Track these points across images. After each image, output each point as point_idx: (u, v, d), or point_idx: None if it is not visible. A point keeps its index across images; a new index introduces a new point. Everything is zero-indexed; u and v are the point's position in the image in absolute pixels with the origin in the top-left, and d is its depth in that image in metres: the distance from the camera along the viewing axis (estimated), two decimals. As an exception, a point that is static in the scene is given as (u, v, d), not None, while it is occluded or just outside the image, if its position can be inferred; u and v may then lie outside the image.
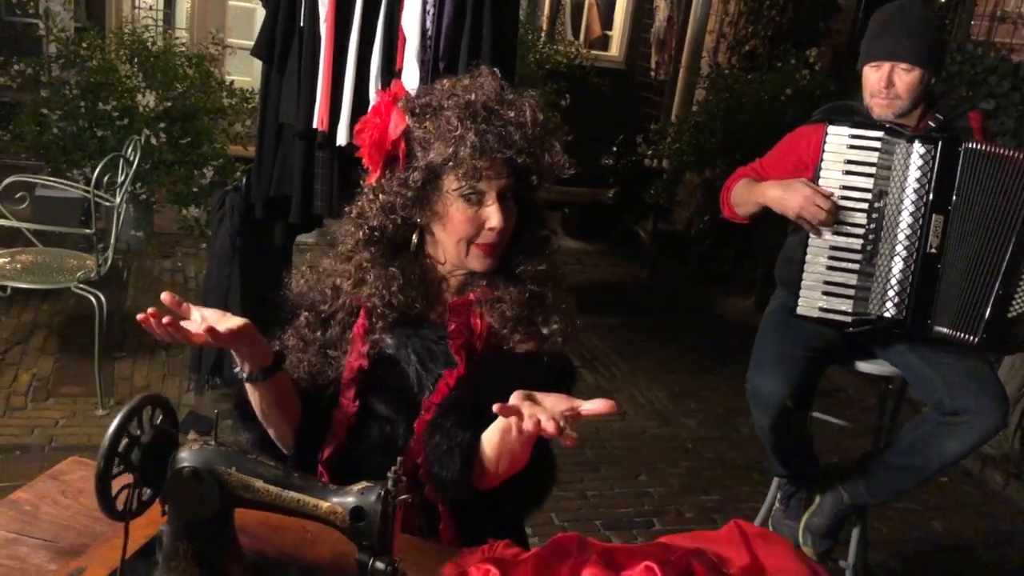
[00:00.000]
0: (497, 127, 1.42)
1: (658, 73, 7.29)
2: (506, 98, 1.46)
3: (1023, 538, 3.43)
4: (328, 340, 1.52)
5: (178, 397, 3.57)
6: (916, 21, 2.40)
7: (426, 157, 1.43)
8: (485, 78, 1.49)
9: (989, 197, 2.27)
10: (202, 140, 4.79)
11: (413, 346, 1.50)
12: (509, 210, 1.46)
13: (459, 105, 1.43)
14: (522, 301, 1.49)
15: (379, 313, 1.48)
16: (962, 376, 2.33)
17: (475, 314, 1.49)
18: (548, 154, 1.47)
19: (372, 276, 1.49)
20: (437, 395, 1.46)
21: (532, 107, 1.45)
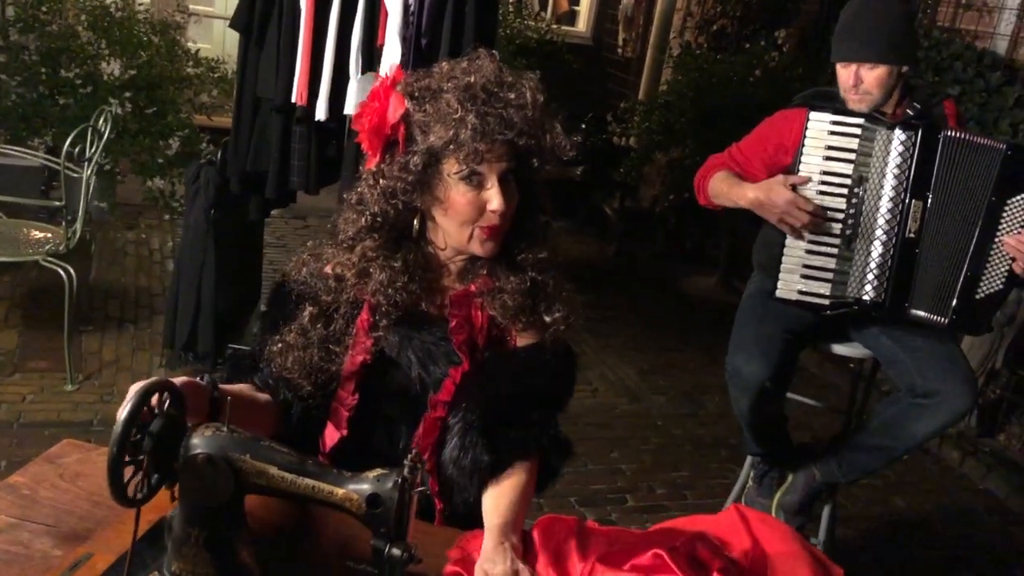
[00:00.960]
0: (497, 109, 1.40)
1: (625, 50, 7.29)
2: (506, 80, 1.45)
3: (979, 514, 3.54)
4: (331, 335, 1.49)
5: (148, 371, 3.53)
6: (879, 19, 2.41)
7: (426, 140, 1.41)
8: (484, 60, 1.47)
9: (965, 184, 2.33)
10: (167, 110, 4.70)
11: (414, 348, 1.49)
12: (511, 193, 1.45)
13: (459, 88, 1.42)
14: (523, 290, 1.48)
15: (383, 311, 1.47)
16: (933, 358, 2.39)
17: (475, 306, 1.49)
18: (549, 135, 1.45)
19: (376, 269, 1.47)
20: (444, 393, 1.46)
21: (532, 89, 1.44)
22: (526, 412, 1.46)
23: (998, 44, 4.32)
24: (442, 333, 1.49)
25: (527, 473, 1.42)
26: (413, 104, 1.44)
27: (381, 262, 1.47)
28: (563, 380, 1.55)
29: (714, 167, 2.63)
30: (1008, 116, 3.90)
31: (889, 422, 2.46)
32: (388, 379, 1.50)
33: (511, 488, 1.39)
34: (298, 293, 1.51)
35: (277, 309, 1.55)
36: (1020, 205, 2.26)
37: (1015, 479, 3.70)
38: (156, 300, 4.17)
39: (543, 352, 1.49)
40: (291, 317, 1.51)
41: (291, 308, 1.51)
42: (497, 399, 1.45)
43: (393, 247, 1.48)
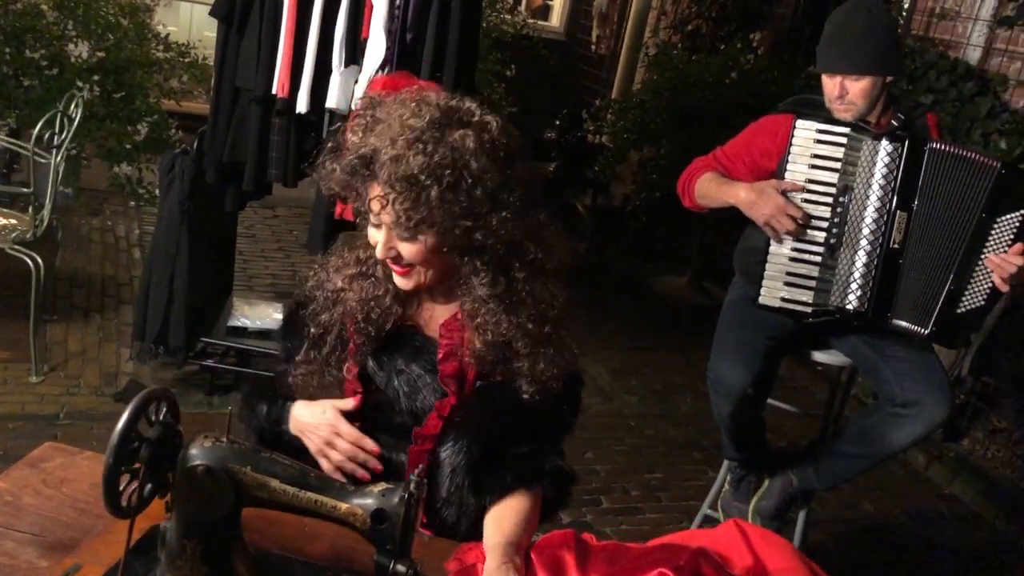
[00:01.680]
0: (384, 163, 1.30)
1: (599, 47, 7.28)
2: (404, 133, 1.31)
3: (945, 518, 3.60)
4: (325, 360, 1.48)
5: (115, 364, 3.45)
6: (863, 30, 2.42)
7: (363, 143, 1.34)
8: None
9: (950, 196, 2.35)
10: (136, 95, 4.59)
11: (401, 380, 1.46)
12: (404, 246, 1.35)
13: (359, 127, 1.37)
14: (489, 344, 1.40)
15: (361, 328, 1.44)
16: (912, 369, 2.42)
17: (468, 331, 1.43)
18: (427, 159, 1.28)
19: (357, 284, 1.45)
20: (429, 426, 1.44)
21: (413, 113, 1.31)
22: (519, 446, 1.43)
23: (970, 54, 4.37)
24: (431, 363, 1.45)
25: (531, 498, 1.40)
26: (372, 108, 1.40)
27: (362, 279, 1.45)
28: (564, 408, 1.51)
29: (699, 169, 2.63)
30: (980, 126, 3.95)
31: (867, 430, 2.49)
32: (378, 409, 1.48)
33: (514, 510, 1.38)
34: (307, 313, 1.50)
35: (291, 336, 1.54)
36: (1009, 224, 2.29)
37: (979, 484, 3.77)
38: (123, 289, 4.08)
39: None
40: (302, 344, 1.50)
41: (303, 335, 1.50)
42: (487, 435, 1.42)
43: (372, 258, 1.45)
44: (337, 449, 1.47)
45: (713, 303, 5.54)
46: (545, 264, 1.42)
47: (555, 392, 1.44)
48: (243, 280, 4.38)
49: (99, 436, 2.99)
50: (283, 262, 4.86)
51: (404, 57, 2.87)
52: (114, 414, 3.13)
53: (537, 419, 1.46)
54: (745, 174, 2.53)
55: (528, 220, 1.37)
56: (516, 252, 1.38)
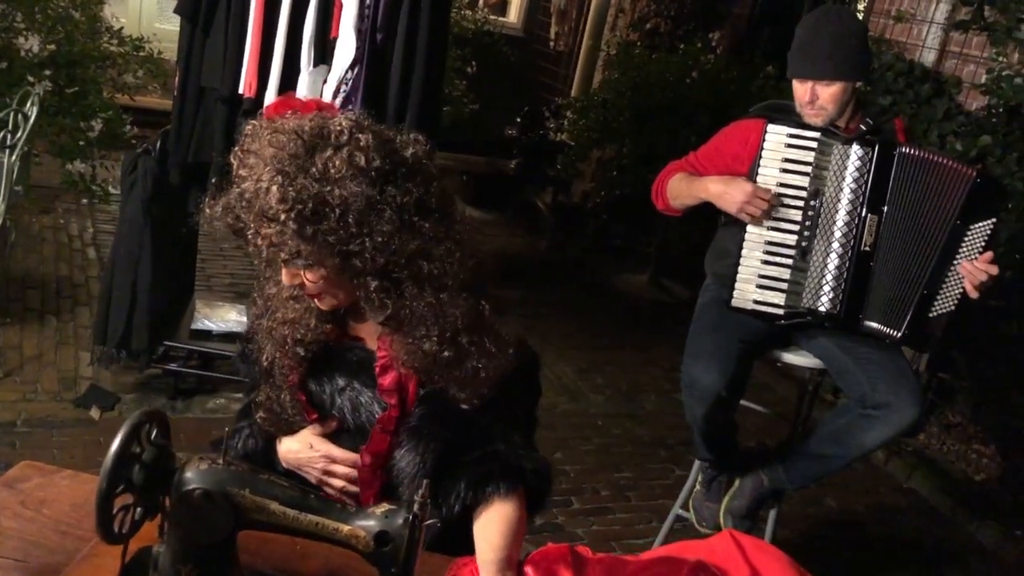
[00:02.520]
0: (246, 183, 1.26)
1: (557, 44, 7.28)
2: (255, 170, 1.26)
3: (904, 512, 3.68)
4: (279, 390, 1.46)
5: (74, 368, 3.36)
6: (833, 37, 2.44)
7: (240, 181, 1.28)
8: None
9: (919, 199, 2.39)
10: (89, 90, 4.47)
11: (343, 398, 1.44)
12: (300, 274, 1.32)
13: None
14: (424, 356, 1.36)
15: (290, 351, 1.41)
16: (883, 371, 2.46)
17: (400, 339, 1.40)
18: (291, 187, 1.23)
19: (284, 309, 1.43)
20: (374, 443, 1.41)
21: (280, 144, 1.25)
22: (481, 446, 1.38)
23: (926, 56, 4.46)
24: (368, 376, 1.42)
25: (514, 502, 1.35)
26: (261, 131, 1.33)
27: (292, 292, 1.41)
28: (522, 395, 1.48)
29: (671, 172, 2.65)
30: (937, 127, 4.03)
31: (838, 431, 2.52)
32: (332, 433, 1.47)
33: (500, 520, 1.34)
34: (255, 346, 1.48)
35: (246, 367, 1.54)
36: (981, 231, 2.33)
37: (935, 478, 3.85)
38: (79, 291, 3.98)
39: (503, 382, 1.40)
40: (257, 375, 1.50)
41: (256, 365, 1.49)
42: (440, 442, 1.38)
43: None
44: (337, 476, 1.46)
45: (672, 300, 5.60)
46: (444, 278, 1.34)
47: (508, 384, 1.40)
48: (202, 280, 4.30)
49: (60, 444, 2.91)
50: (242, 260, 4.78)
51: (374, 56, 2.84)
52: (75, 420, 3.07)
53: (494, 414, 1.41)
54: None
55: (417, 236, 1.30)
56: (408, 270, 1.32)
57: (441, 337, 1.33)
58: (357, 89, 2.82)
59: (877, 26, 4.73)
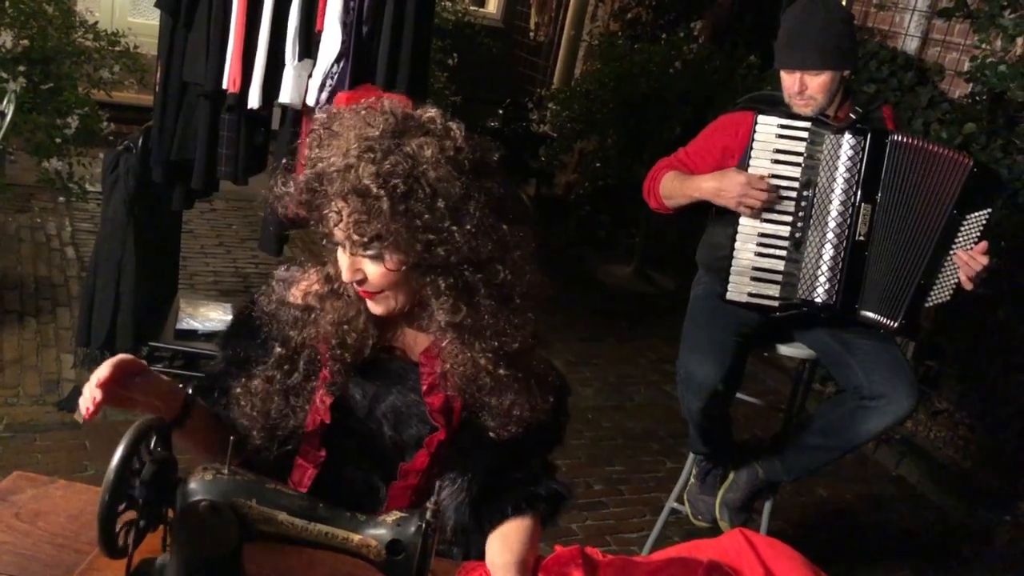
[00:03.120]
0: (326, 165, 1.23)
1: (538, 35, 7.24)
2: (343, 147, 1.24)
3: (894, 500, 3.69)
4: (293, 385, 1.35)
5: (56, 371, 3.29)
6: (820, 26, 2.44)
7: (318, 160, 1.26)
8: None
9: (913, 188, 2.38)
10: (64, 86, 4.38)
11: (384, 410, 1.36)
12: (369, 266, 1.26)
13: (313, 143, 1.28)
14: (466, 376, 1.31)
15: (336, 355, 1.33)
16: (878, 362, 2.45)
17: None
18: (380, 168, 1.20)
19: (329, 304, 1.34)
20: (418, 461, 1.37)
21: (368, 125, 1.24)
22: (515, 471, 1.39)
23: (908, 44, 4.46)
24: (416, 392, 1.36)
25: (532, 518, 1.37)
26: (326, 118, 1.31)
27: (340, 290, 1.34)
28: (554, 424, 1.46)
29: (661, 170, 2.63)
30: (921, 115, 4.03)
31: (834, 423, 2.52)
32: (358, 438, 1.37)
33: (519, 529, 1.34)
34: (267, 327, 1.37)
35: (242, 341, 1.42)
36: (977, 221, 2.33)
37: (924, 465, 3.87)
38: (58, 291, 3.91)
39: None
40: (257, 356, 1.38)
41: (258, 344, 1.39)
42: (484, 469, 1.37)
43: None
44: None
45: (658, 292, 5.59)
46: (514, 290, 1.30)
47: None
48: (184, 278, 4.22)
49: (44, 448, 2.86)
50: (224, 258, 4.72)
51: (360, 50, 2.80)
52: (58, 424, 3.01)
53: (529, 439, 1.40)
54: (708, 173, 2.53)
55: (498, 238, 1.26)
56: (483, 273, 1.27)
57: (497, 355, 1.29)
58: (343, 83, 2.77)
59: (859, 14, 4.73)
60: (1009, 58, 3.81)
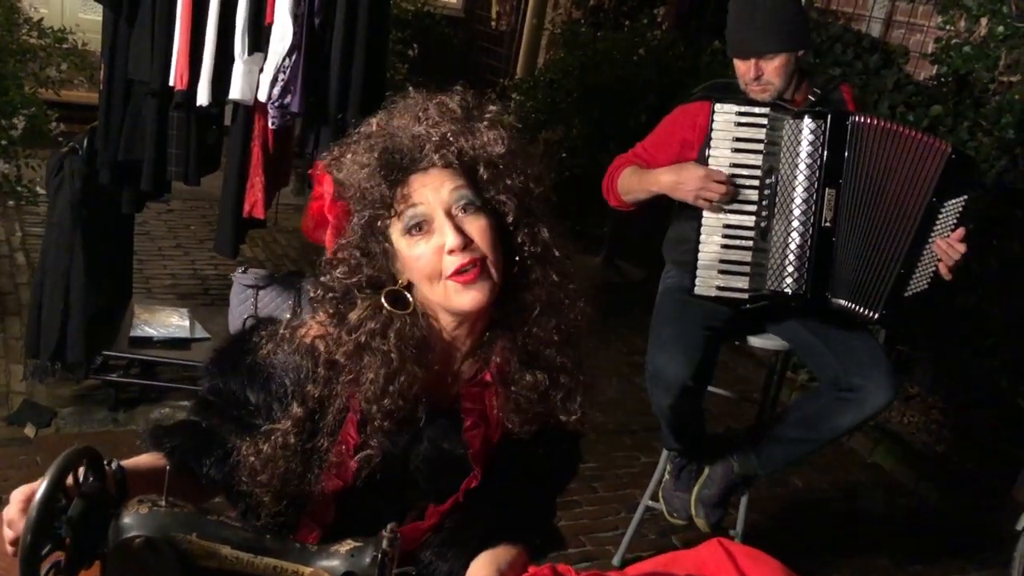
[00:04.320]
0: (404, 141, 1.20)
1: (499, 24, 7.13)
2: (417, 109, 1.23)
3: (869, 488, 3.66)
4: (315, 448, 1.20)
5: (5, 383, 3.16)
6: (769, 10, 2.39)
7: (355, 209, 1.22)
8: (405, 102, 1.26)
9: (883, 170, 2.32)
10: (8, 85, 4.22)
11: (419, 459, 1.24)
12: (472, 225, 1.19)
13: (363, 136, 1.23)
14: (542, 391, 1.24)
15: (376, 425, 1.19)
16: (855, 353, 2.41)
17: (490, 394, 1.25)
18: (472, 139, 1.21)
19: (368, 360, 1.18)
20: (447, 505, 1.24)
21: (440, 102, 1.23)
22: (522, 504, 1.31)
23: (872, 27, 4.43)
24: (453, 435, 1.24)
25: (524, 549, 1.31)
26: (335, 174, 1.24)
27: (373, 344, 1.18)
28: (568, 466, 1.40)
29: (620, 167, 2.57)
30: (888, 98, 3.99)
31: (811, 415, 2.47)
32: (379, 495, 1.22)
33: (507, 551, 1.27)
34: (275, 379, 1.22)
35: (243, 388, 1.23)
36: (955, 208, 2.28)
37: (898, 451, 3.85)
38: (7, 299, 3.76)
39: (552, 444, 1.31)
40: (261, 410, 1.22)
41: (264, 398, 1.22)
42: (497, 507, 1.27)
43: (382, 317, 1.20)
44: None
45: (627, 282, 5.53)
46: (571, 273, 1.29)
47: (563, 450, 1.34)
48: (140, 282, 4.10)
49: (-8, 465, 2.74)
50: (182, 260, 4.59)
51: (312, 42, 2.70)
52: (8, 440, 2.89)
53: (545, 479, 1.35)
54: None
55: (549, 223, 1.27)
56: (547, 256, 1.25)
57: (564, 334, 1.26)
58: (296, 77, 2.67)
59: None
60: (974, 39, 3.78)
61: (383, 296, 1.20)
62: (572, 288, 1.27)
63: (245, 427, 1.20)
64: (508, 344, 1.25)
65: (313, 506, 1.21)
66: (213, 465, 1.19)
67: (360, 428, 1.20)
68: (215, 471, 1.20)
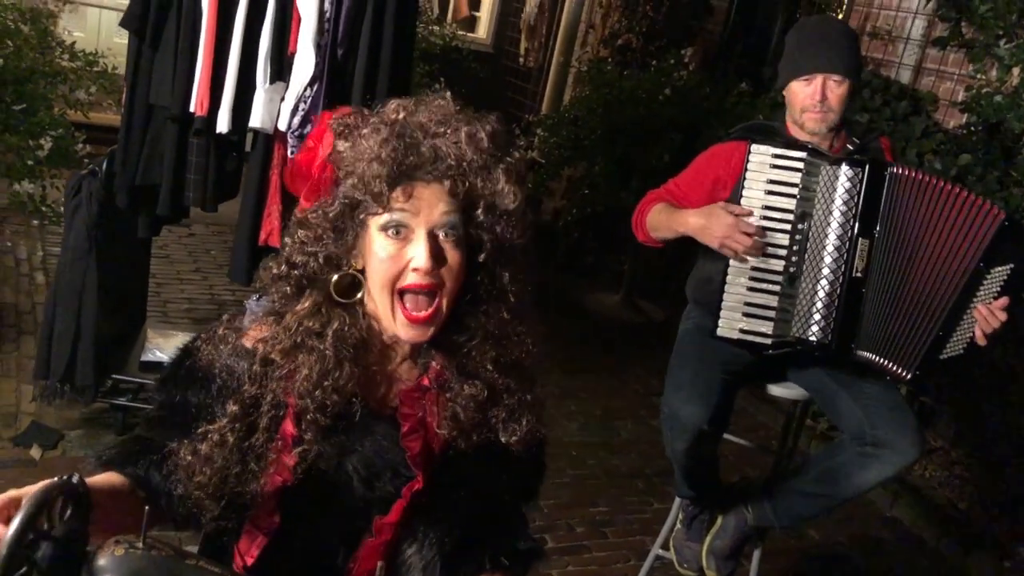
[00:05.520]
0: (422, 146, 1.18)
1: (527, 60, 7.17)
2: (448, 117, 1.22)
3: (889, 543, 3.56)
4: (252, 446, 1.18)
5: (15, 403, 3.15)
6: (840, 34, 2.40)
7: (344, 184, 1.20)
8: (434, 99, 1.26)
9: (919, 224, 2.26)
10: (38, 106, 4.27)
11: (355, 462, 1.21)
12: (447, 254, 1.18)
13: (383, 122, 1.21)
14: (479, 401, 1.23)
15: (309, 419, 1.17)
16: (882, 406, 2.33)
17: (431, 400, 1.23)
18: (487, 181, 1.20)
19: (304, 355, 1.18)
20: (393, 514, 1.22)
21: (472, 126, 1.22)
22: (491, 523, 1.29)
23: (902, 74, 4.39)
24: (390, 438, 1.22)
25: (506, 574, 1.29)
26: (340, 143, 1.22)
27: (310, 342, 1.18)
28: (533, 475, 1.37)
29: (651, 202, 2.52)
30: (915, 145, 3.94)
31: (833, 469, 2.39)
32: (320, 496, 1.21)
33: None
34: (215, 379, 1.21)
35: (185, 393, 1.23)
36: (1000, 275, 2.20)
37: (919, 506, 3.74)
38: (24, 318, 3.77)
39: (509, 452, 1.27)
40: (202, 413, 1.20)
41: (204, 399, 1.21)
42: (461, 521, 1.24)
43: (321, 317, 1.20)
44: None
45: (647, 321, 5.47)
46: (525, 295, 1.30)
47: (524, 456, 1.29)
48: (157, 305, 4.11)
49: (-4, 487, 2.71)
50: (200, 285, 4.59)
51: (335, 72, 2.69)
52: (13, 461, 2.87)
53: (506, 490, 1.31)
54: (699, 205, 2.42)
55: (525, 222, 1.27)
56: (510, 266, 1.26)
57: (506, 364, 1.26)
58: (317, 107, 2.66)
59: (852, 43, 4.66)
60: (1005, 88, 3.73)
61: (335, 279, 1.21)
62: (521, 329, 1.27)
63: (187, 432, 1.19)
64: (447, 354, 1.24)
65: (256, 511, 1.20)
66: (151, 467, 1.17)
67: (297, 423, 1.18)
68: (154, 474, 1.18)
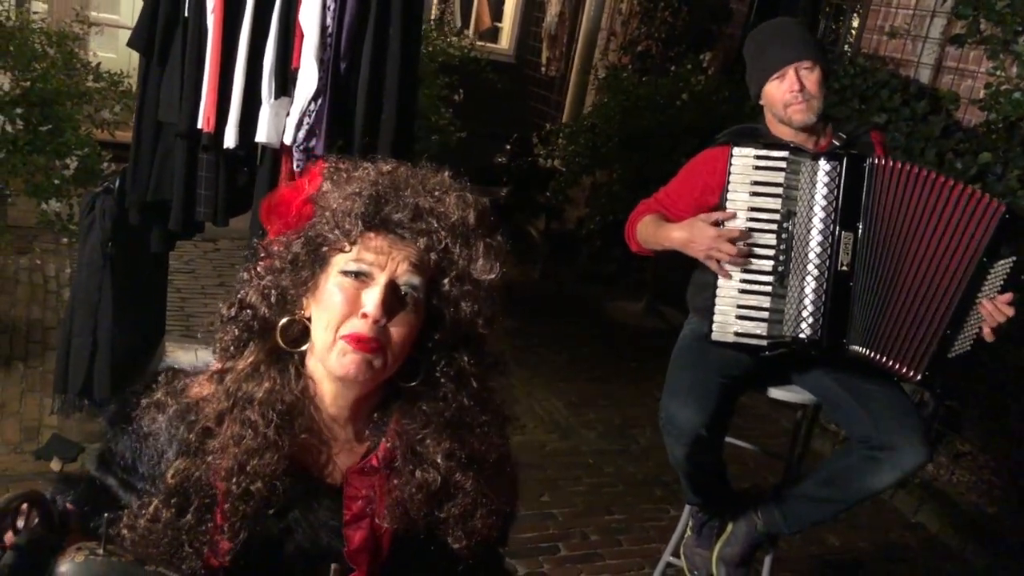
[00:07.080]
0: (406, 201, 1.14)
1: (549, 69, 7.19)
2: (440, 185, 1.18)
3: (913, 549, 3.50)
4: (183, 527, 1.10)
5: (38, 417, 3.23)
6: (794, 26, 2.47)
7: (316, 219, 1.16)
8: (436, 174, 1.21)
9: (907, 215, 2.24)
10: (64, 127, 4.37)
11: (295, 545, 1.14)
12: (401, 315, 1.11)
13: (376, 170, 1.18)
14: (431, 491, 1.14)
15: (236, 507, 1.10)
16: (890, 410, 2.30)
17: (381, 481, 1.15)
18: (469, 253, 1.16)
19: (231, 431, 1.11)
20: None
21: (460, 198, 1.17)
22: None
23: (921, 73, 4.33)
24: (333, 525, 1.14)
25: None
26: (326, 184, 1.19)
27: (243, 414, 1.11)
28: (496, 555, 1.30)
29: (641, 214, 2.54)
30: (935, 145, 3.88)
31: (841, 474, 2.36)
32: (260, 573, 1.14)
33: None
34: (155, 450, 1.14)
35: (130, 453, 1.16)
36: (1003, 269, 2.18)
37: (945, 512, 3.68)
38: (50, 334, 3.85)
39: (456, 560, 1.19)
40: (147, 479, 1.14)
41: (149, 465, 1.14)
42: None
43: (259, 378, 1.14)
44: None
45: (669, 328, 5.43)
46: (490, 407, 1.20)
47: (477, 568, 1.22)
48: (180, 320, 4.18)
49: (16, 499, 2.77)
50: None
51: (338, 87, 2.72)
52: (34, 474, 2.92)
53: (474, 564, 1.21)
54: (689, 212, 2.43)
55: (495, 309, 1.19)
56: (470, 348, 1.17)
57: (464, 459, 1.16)
58: (321, 121, 2.69)
59: (871, 43, 4.61)
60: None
61: (282, 323, 1.14)
62: (484, 419, 1.18)
63: (132, 492, 1.15)
64: (397, 435, 1.16)
65: None
66: (108, 524, 1.09)
67: (221, 509, 1.11)
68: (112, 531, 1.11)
